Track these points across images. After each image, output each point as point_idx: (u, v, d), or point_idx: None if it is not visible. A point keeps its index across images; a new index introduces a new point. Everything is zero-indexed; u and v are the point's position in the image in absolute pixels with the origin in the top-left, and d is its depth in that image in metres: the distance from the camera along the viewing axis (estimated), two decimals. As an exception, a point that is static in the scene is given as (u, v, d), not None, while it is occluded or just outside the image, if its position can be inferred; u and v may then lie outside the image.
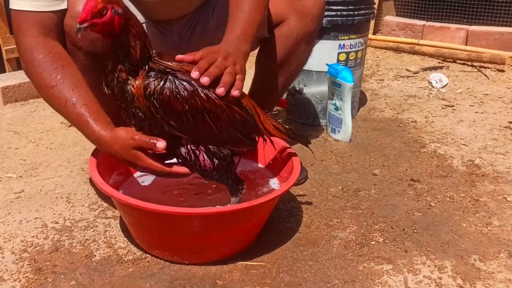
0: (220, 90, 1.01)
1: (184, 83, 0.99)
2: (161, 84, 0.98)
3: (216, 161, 1.07)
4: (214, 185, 1.27)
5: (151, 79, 0.98)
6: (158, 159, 1.05)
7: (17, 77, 2.17)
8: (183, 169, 1.07)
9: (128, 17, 0.97)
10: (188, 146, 1.05)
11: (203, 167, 1.07)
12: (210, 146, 1.06)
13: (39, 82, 1.14)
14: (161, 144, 1.01)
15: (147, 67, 0.99)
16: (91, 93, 1.12)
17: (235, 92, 1.03)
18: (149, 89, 0.98)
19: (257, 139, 1.16)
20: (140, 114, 1.00)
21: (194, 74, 1.00)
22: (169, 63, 1.01)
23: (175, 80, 0.99)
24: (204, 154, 1.06)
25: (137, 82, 0.98)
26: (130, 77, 0.99)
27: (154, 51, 1.03)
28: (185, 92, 0.99)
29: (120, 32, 0.96)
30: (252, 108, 1.11)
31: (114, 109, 1.07)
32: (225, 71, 1.04)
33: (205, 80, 1.00)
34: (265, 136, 1.17)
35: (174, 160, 1.09)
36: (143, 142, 1.02)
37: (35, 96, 2.15)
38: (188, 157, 1.06)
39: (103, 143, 1.08)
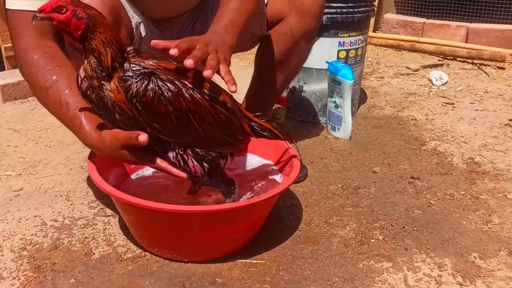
0: (208, 73, 0.95)
1: (168, 83, 0.96)
2: (143, 85, 0.94)
3: (206, 165, 1.06)
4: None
5: (133, 80, 0.95)
6: (152, 157, 1.04)
7: (16, 75, 2.16)
8: (179, 172, 1.04)
9: (95, 23, 0.93)
10: (175, 151, 1.03)
11: (194, 173, 1.05)
12: (197, 150, 1.04)
13: (34, 83, 1.13)
14: (142, 137, 0.97)
15: (123, 69, 0.96)
16: None
17: (232, 88, 0.99)
18: (131, 91, 0.94)
19: (242, 139, 1.13)
20: (122, 118, 0.97)
21: (173, 51, 0.95)
22: (146, 62, 0.98)
23: (158, 81, 0.96)
24: (192, 159, 1.04)
25: (112, 85, 0.95)
26: (103, 82, 0.95)
27: (131, 48, 1.01)
28: (169, 93, 0.96)
29: (82, 37, 0.93)
30: (236, 108, 1.09)
31: None
32: (208, 57, 0.99)
33: (189, 62, 0.94)
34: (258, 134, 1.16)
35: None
36: (126, 140, 1.00)
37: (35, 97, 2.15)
38: (177, 162, 1.04)
39: (94, 147, 1.08)
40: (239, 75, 1.09)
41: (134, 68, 0.97)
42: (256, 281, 1.06)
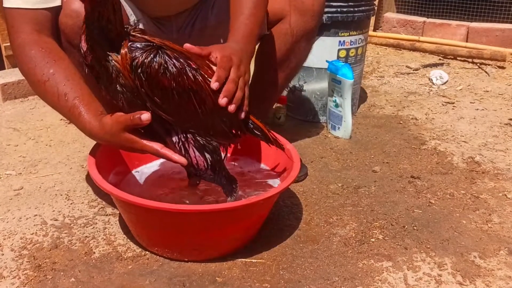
0: (232, 107, 1.04)
1: (173, 59, 0.97)
2: (150, 57, 0.95)
3: (209, 156, 1.06)
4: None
5: (139, 51, 0.95)
6: (154, 140, 1.04)
7: (16, 74, 2.16)
8: (180, 158, 1.04)
9: None
10: (176, 136, 1.03)
11: (195, 165, 1.05)
12: (198, 138, 1.04)
13: (32, 78, 1.13)
14: (145, 115, 0.97)
15: (128, 38, 0.95)
16: (83, 85, 1.11)
17: (242, 115, 1.08)
18: (136, 61, 0.94)
19: (238, 133, 1.13)
20: (122, 89, 0.97)
21: (214, 85, 1.02)
22: (150, 38, 0.98)
23: (164, 55, 0.96)
24: (194, 148, 1.04)
25: (122, 51, 0.94)
26: (109, 53, 0.94)
27: (135, 26, 1.01)
28: (174, 68, 0.97)
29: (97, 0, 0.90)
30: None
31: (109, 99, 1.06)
32: (238, 87, 1.06)
33: (224, 101, 1.02)
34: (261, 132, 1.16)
35: None
36: (127, 121, 0.99)
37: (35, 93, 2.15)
38: (178, 148, 1.03)
39: (95, 135, 1.07)
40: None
41: (141, 41, 0.97)
42: (256, 281, 1.06)
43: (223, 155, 1.13)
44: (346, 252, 1.17)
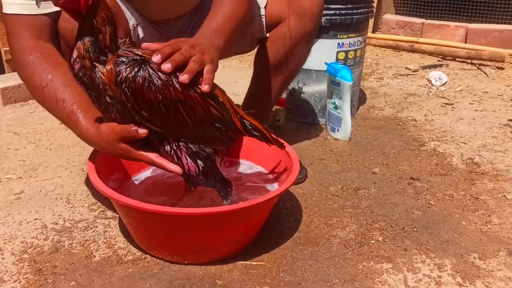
0: (183, 77, 0.97)
1: (159, 72, 0.96)
2: (134, 71, 0.95)
3: (201, 163, 1.05)
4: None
5: (123, 66, 0.95)
6: (148, 150, 1.04)
7: (16, 78, 2.16)
8: (174, 167, 1.04)
9: None
10: (168, 145, 1.03)
11: (187, 171, 1.05)
12: (191, 145, 1.04)
13: (31, 83, 1.14)
14: (142, 130, 0.98)
15: (116, 53, 0.96)
16: (81, 91, 1.11)
17: (204, 87, 1.00)
18: (120, 76, 0.94)
19: (233, 136, 1.12)
20: (112, 102, 0.97)
21: (155, 58, 0.97)
22: (139, 52, 0.98)
23: (149, 68, 0.96)
24: (186, 155, 1.04)
25: (107, 67, 0.94)
26: (97, 64, 0.95)
27: (127, 39, 1.01)
28: (159, 81, 0.96)
29: (87, 13, 0.92)
30: (228, 104, 1.08)
31: None
32: (191, 59, 1.00)
33: (167, 66, 0.96)
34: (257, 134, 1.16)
35: None
36: (124, 132, 1.00)
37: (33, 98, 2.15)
38: (170, 157, 1.04)
39: (92, 141, 1.08)
40: (238, 76, 1.09)
41: (127, 55, 0.97)
42: (256, 283, 1.06)
43: (219, 159, 1.13)
44: (346, 254, 1.17)
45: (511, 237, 1.25)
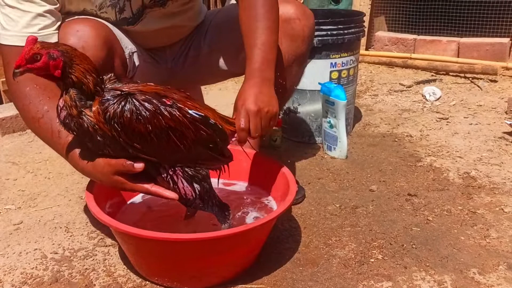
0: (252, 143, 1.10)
1: (145, 103, 0.98)
2: (120, 106, 0.96)
3: (197, 186, 1.07)
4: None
5: (110, 102, 0.97)
6: (143, 180, 1.05)
7: (14, 108, 2.15)
8: (170, 193, 1.05)
9: (71, 57, 0.95)
10: (164, 172, 1.04)
11: (184, 195, 1.06)
12: (187, 169, 1.05)
13: (27, 115, 1.15)
14: (138, 164, 1.00)
15: (102, 93, 0.98)
16: None
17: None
18: (108, 113, 0.96)
19: (229, 154, 1.14)
20: (104, 140, 0.98)
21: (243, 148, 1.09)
22: (124, 87, 1.00)
23: (135, 101, 0.97)
24: (182, 180, 1.05)
25: (93, 109, 0.96)
26: (83, 110, 0.96)
27: (111, 74, 1.03)
28: (147, 112, 0.97)
29: (63, 74, 0.95)
30: (220, 121, 1.10)
31: None
32: (264, 131, 1.13)
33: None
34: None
35: None
36: (119, 166, 1.02)
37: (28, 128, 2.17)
38: (166, 183, 1.05)
39: (87, 172, 1.09)
40: (234, 98, 1.11)
41: (113, 92, 0.99)
42: (257, 306, 1.06)
43: (214, 181, 1.14)
44: (346, 273, 1.17)
45: (510, 251, 1.25)
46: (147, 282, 1.14)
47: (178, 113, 1.01)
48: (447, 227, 1.36)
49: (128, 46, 1.36)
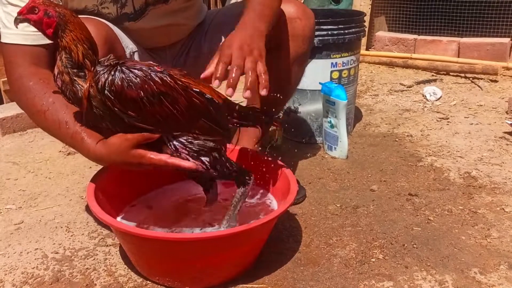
0: (247, 94, 1.00)
1: (135, 70, 1.00)
2: (111, 75, 0.98)
3: (206, 159, 1.07)
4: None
5: (101, 72, 0.99)
6: (160, 152, 1.05)
7: (15, 108, 2.18)
8: (187, 163, 1.05)
9: (66, 22, 0.98)
10: (169, 150, 1.05)
11: (196, 170, 1.07)
12: (191, 146, 1.05)
13: (32, 108, 1.16)
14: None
15: (94, 67, 1.00)
16: None
17: (262, 92, 1.02)
18: (100, 83, 0.98)
19: (228, 127, 1.13)
20: (99, 112, 1.00)
21: (215, 83, 1.01)
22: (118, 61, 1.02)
23: (124, 69, 0.99)
24: (189, 158, 1.05)
25: (85, 86, 0.99)
26: (75, 79, 1.00)
27: (109, 56, 1.05)
28: (137, 78, 0.99)
29: (54, 34, 0.99)
30: (216, 97, 1.10)
31: None
32: (246, 68, 1.02)
33: (229, 92, 0.99)
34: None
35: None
36: (138, 137, 1.02)
37: (33, 126, 2.17)
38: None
39: (100, 157, 1.08)
40: (236, 96, 1.11)
41: (104, 64, 1.01)
42: (258, 306, 1.06)
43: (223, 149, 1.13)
44: (347, 273, 1.17)
45: (511, 251, 1.25)
46: (148, 282, 1.14)
47: (169, 79, 1.02)
48: (448, 227, 1.36)
49: (129, 45, 1.36)
